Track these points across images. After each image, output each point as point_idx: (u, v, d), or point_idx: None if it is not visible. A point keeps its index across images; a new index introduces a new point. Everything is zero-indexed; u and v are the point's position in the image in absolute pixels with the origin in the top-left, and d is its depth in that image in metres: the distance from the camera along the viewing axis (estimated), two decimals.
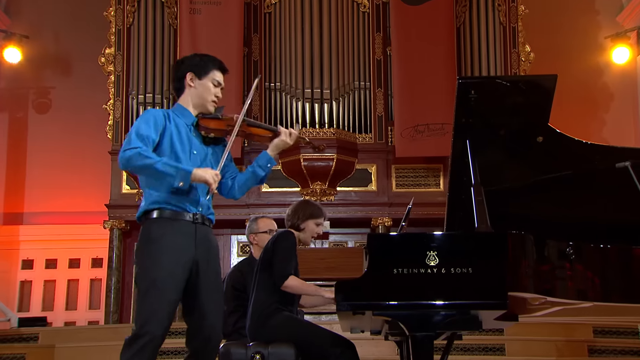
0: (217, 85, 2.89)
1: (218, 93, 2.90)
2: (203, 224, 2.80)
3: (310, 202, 3.69)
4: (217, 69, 2.91)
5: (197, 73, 2.87)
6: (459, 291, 2.66)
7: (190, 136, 2.84)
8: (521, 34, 7.70)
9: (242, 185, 2.96)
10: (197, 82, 2.87)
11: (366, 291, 2.71)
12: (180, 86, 2.91)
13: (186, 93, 2.90)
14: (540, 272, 2.78)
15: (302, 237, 3.51)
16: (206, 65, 2.89)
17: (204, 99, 2.87)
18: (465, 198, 3.03)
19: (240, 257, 7.52)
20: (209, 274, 2.77)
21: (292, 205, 3.60)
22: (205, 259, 2.78)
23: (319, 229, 3.53)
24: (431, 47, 7.34)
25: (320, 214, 3.54)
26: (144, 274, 2.68)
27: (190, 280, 2.73)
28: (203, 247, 2.77)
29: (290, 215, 3.55)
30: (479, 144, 3.05)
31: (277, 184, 7.39)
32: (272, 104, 7.49)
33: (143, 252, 2.71)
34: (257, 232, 4.05)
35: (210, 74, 2.88)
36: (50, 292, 8.26)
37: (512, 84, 3.09)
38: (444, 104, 6.95)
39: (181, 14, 7.40)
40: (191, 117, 2.87)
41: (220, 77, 2.91)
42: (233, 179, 2.98)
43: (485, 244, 2.75)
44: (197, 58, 2.93)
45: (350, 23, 7.64)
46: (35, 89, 8.76)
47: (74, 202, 8.26)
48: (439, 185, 7.53)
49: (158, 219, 2.72)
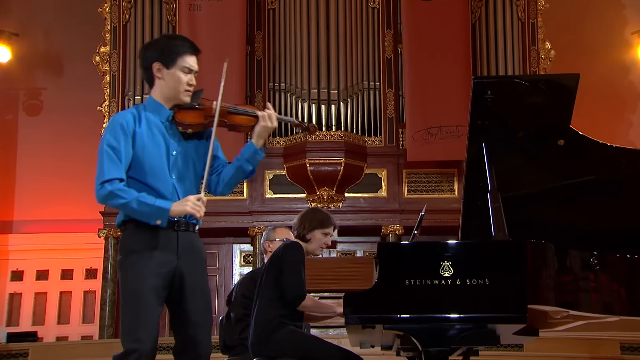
0: (189, 72, 2.74)
1: (191, 80, 2.75)
2: (187, 230, 2.74)
3: (318, 210, 3.66)
4: (186, 52, 2.74)
5: (164, 62, 2.72)
6: (475, 303, 2.66)
7: (166, 135, 2.73)
8: (541, 30, 7.70)
9: (229, 182, 2.85)
10: (165, 73, 2.72)
11: (376, 303, 2.71)
12: (149, 77, 2.77)
13: (156, 85, 2.76)
14: (562, 284, 2.78)
15: (309, 248, 3.50)
16: (173, 51, 2.72)
17: (176, 90, 2.73)
18: (481, 205, 3.03)
19: (243, 267, 7.54)
20: (194, 284, 2.74)
21: (300, 214, 3.59)
22: (191, 269, 2.74)
23: (327, 239, 3.51)
24: (445, 45, 7.35)
25: (329, 223, 3.51)
26: (125, 288, 2.67)
27: (175, 292, 2.71)
28: (187, 255, 2.73)
29: (296, 224, 3.54)
30: (495, 148, 3.05)
31: (281, 190, 7.40)
32: (276, 105, 7.51)
33: (122, 265, 2.69)
34: (273, 241, 4.09)
35: (178, 61, 2.71)
36: (41, 305, 8.29)
37: (531, 83, 3.09)
38: (459, 105, 6.96)
39: (180, 10, 7.43)
40: (165, 111, 2.75)
41: (192, 61, 2.75)
42: (218, 175, 2.86)
43: (503, 253, 2.75)
44: (162, 42, 2.78)
45: (359, 19, 7.66)
46: (26, 89, 8.82)
47: (66, 210, 8.30)
48: (453, 191, 7.53)
49: (136, 228, 2.68)
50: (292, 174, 7.38)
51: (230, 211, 7.27)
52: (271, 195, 7.49)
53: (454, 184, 7.54)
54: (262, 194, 7.45)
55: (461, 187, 6.69)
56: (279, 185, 7.39)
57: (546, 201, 3.27)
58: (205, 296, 2.80)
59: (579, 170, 3.23)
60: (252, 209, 7.40)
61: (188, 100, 2.76)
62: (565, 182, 3.26)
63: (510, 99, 3.05)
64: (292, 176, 7.41)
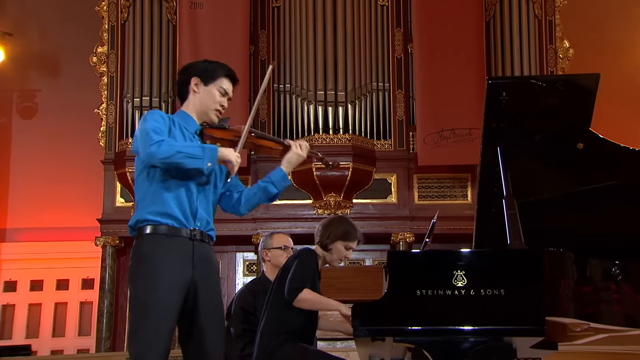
0: (224, 95, 2.94)
1: (224, 102, 2.94)
2: (202, 241, 2.81)
3: (346, 220, 3.61)
4: (226, 76, 2.95)
5: (203, 78, 2.92)
6: (490, 315, 2.66)
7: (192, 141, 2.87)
8: (559, 27, 7.69)
9: (249, 200, 3.01)
10: (202, 88, 2.92)
11: (386, 315, 2.71)
12: (184, 92, 2.96)
13: (189, 99, 2.94)
14: (582, 295, 2.77)
15: (328, 258, 3.48)
16: (214, 71, 2.93)
17: (208, 106, 2.91)
18: (496, 211, 3.03)
19: (247, 277, 7.54)
20: (208, 297, 2.78)
21: (325, 220, 3.56)
22: (205, 281, 2.78)
23: (348, 253, 3.48)
24: (457, 44, 7.35)
25: (354, 236, 3.46)
26: (136, 298, 2.70)
27: (188, 305, 2.74)
28: (202, 267, 2.78)
29: (320, 230, 3.52)
30: (511, 151, 3.05)
31: (286, 195, 7.41)
32: (281, 107, 7.53)
33: (135, 273, 2.72)
34: (270, 248, 4.07)
35: (217, 80, 2.92)
36: (35, 317, 8.31)
37: (548, 84, 3.09)
38: (472, 106, 6.95)
39: (181, 9, 7.46)
40: (194, 124, 2.91)
41: (229, 86, 2.95)
42: (240, 192, 3.01)
43: (519, 262, 2.75)
44: (205, 63, 2.98)
45: (368, 18, 7.67)
46: (20, 91, 8.86)
47: (62, 217, 8.32)
48: (466, 197, 7.52)
49: (152, 235, 2.73)
50: (297, 179, 7.38)
51: (233, 218, 7.24)
52: (276, 201, 7.47)
53: (467, 189, 7.53)
54: None
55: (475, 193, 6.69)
56: (284, 191, 7.39)
57: (564, 207, 3.27)
58: (219, 312, 2.83)
59: (600, 175, 3.23)
60: (255, 216, 7.40)
61: (217, 120, 2.95)
62: (584, 188, 3.26)
63: (526, 100, 3.06)
64: (297, 181, 7.41)
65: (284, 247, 4.03)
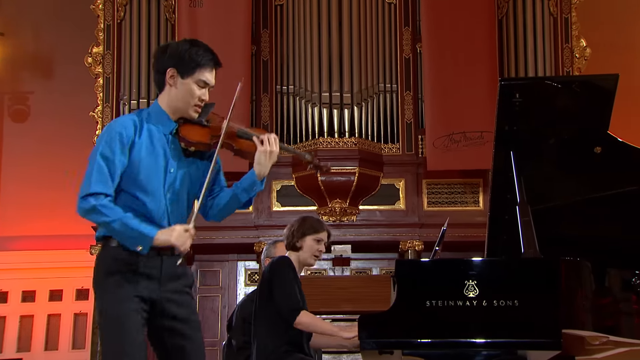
0: (204, 86, 2.75)
1: (204, 95, 2.75)
2: (172, 254, 2.70)
3: (308, 217, 3.73)
4: (206, 65, 2.74)
5: (180, 70, 2.72)
6: (504, 327, 2.66)
7: (167, 149, 2.73)
8: (575, 25, 7.68)
9: (222, 209, 2.85)
10: (179, 82, 2.73)
11: (394, 327, 2.71)
12: (161, 81, 2.78)
13: (165, 92, 2.77)
14: (600, 306, 2.77)
15: (302, 258, 3.55)
16: (192, 60, 2.72)
17: (186, 102, 2.73)
18: (509, 218, 3.03)
19: (248, 287, 7.54)
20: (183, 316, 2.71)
21: (289, 223, 3.65)
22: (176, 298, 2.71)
23: (320, 245, 3.55)
24: (469, 43, 7.36)
25: (320, 227, 3.57)
26: (103, 311, 2.65)
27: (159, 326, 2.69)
28: (171, 284, 2.71)
29: (285, 233, 3.61)
30: (525, 156, 3.05)
31: (290, 202, 7.41)
32: (284, 110, 7.54)
33: (99, 285, 2.67)
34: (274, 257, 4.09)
35: (196, 73, 2.72)
36: (27, 329, 8.31)
37: (564, 85, 3.10)
38: (484, 109, 6.95)
39: (179, 7, 7.49)
40: (170, 124, 2.75)
41: (210, 75, 2.75)
42: (213, 199, 2.86)
43: (534, 272, 2.74)
44: (183, 47, 2.75)
45: (374, 16, 7.68)
46: (11, 93, 8.88)
47: (55, 225, 8.33)
48: (478, 203, 7.51)
49: (117, 248, 2.65)
50: (301, 184, 7.39)
51: (234, 225, 7.27)
52: (279, 207, 7.50)
53: (479, 195, 7.52)
54: (268, 206, 7.45)
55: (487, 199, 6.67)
56: (287, 197, 7.40)
57: (581, 214, 3.27)
58: (198, 327, 2.76)
59: (618, 180, 3.23)
60: (258, 223, 7.40)
61: (196, 116, 2.76)
62: (602, 194, 3.25)
63: (540, 102, 3.06)
64: (301, 187, 7.41)
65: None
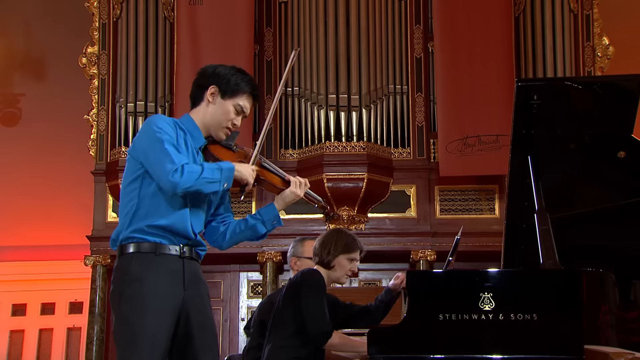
0: (239, 113, 2.91)
1: (237, 122, 2.92)
2: (192, 258, 2.80)
3: (343, 232, 3.68)
4: (249, 93, 2.92)
5: (222, 89, 2.89)
6: (522, 343, 2.65)
7: (196, 160, 2.84)
8: (597, 22, 7.68)
9: (235, 237, 2.97)
10: (218, 100, 2.88)
11: (406, 341, 2.71)
12: (199, 96, 2.93)
13: (201, 107, 2.92)
14: (625, 321, 2.76)
15: (333, 277, 3.52)
16: (237, 84, 2.89)
17: (219, 122, 2.89)
18: (527, 227, 3.03)
19: (251, 299, 7.54)
20: (202, 319, 2.78)
21: (321, 237, 3.61)
22: (198, 302, 2.78)
23: (353, 265, 3.53)
24: (484, 42, 7.36)
25: (355, 246, 3.54)
26: (124, 325, 2.68)
27: (179, 330, 2.73)
28: (194, 287, 2.78)
29: (317, 249, 3.57)
30: (543, 161, 3.05)
31: (295, 209, 7.40)
32: (289, 113, 7.55)
33: (120, 297, 2.70)
34: (301, 257, 4.08)
35: (237, 97, 2.89)
36: (17, 344, 8.33)
37: (585, 86, 3.10)
38: (500, 111, 6.95)
39: (178, 5, 7.51)
40: (200, 139, 2.89)
41: (248, 105, 2.92)
42: (226, 226, 2.98)
43: (554, 283, 2.74)
44: (231, 71, 2.93)
45: (384, 14, 7.70)
46: (2, 96, 8.93)
47: (47, 234, 8.36)
48: (493, 211, 7.50)
49: (136, 254, 2.71)
50: None
51: None
52: (283, 215, 7.41)
53: (495, 202, 7.51)
54: None
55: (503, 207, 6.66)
56: (292, 205, 7.25)
57: (604, 223, 3.26)
58: (214, 336, 2.83)
59: None
60: None
61: (223, 139, 2.93)
62: (627, 201, 3.24)
63: (560, 104, 3.06)
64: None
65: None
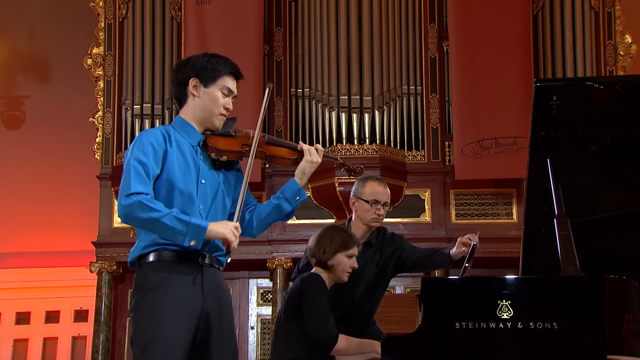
0: (228, 94, 2.93)
1: (228, 104, 2.94)
2: (212, 266, 2.83)
3: (337, 228, 3.69)
4: (229, 73, 2.95)
5: (202, 79, 2.92)
6: (541, 353, 2.65)
7: (197, 160, 2.87)
8: (619, 20, 7.65)
9: (263, 221, 3.02)
10: (203, 91, 2.91)
11: (420, 351, 2.70)
12: (182, 94, 2.95)
13: (188, 104, 2.94)
14: None
15: (333, 277, 3.51)
16: (215, 69, 2.93)
17: (211, 112, 2.91)
18: (547, 232, 3.01)
19: (261, 307, 7.54)
20: (221, 329, 2.81)
21: (314, 236, 3.61)
22: (217, 311, 2.81)
23: (352, 261, 3.53)
24: (500, 41, 7.35)
25: (352, 242, 3.55)
26: (141, 333, 2.71)
27: (198, 339, 2.76)
28: (213, 295, 2.81)
29: (313, 249, 3.56)
30: (563, 164, 3.04)
31: (306, 214, 7.42)
32: (299, 114, 7.56)
33: (138, 306, 2.74)
34: (359, 199, 4.09)
35: (219, 80, 2.92)
36: (21, 353, 8.35)
37: (606, 86, 3.08)
38: (518, 112, 6.94)
39: (186, 4, 7.54)
40: (196, 135, 2.91)
41: (233, 84, 2.96)
42: (251, 212, 3.02)
43: (575, 291, 2.73)
44: (204, 59, 2.96)
45: (397, 12, 7.70)
46: (5, 98, 8.97)
47: (52, 240, 8.38)
48: (511, 216, 7.48)
49: (155, 263, 2.75)
50: (318, 195, 7.39)
51: (245, 240, 7.23)
52: (294, 221, 7.50)
53: (513, 207, 7.49)
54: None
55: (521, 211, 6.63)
56: (302, 209, 7.39)
57: (627, 228, 3.24)
58: (233, 347, 2.85)
59: None
60: (271, 237, 7.41)
61: (220, 126, 2.94)
62: None
63: (580, 105, 3.05)
64: (318, 198, 7.42)
65: (372, 203, 4.01)
